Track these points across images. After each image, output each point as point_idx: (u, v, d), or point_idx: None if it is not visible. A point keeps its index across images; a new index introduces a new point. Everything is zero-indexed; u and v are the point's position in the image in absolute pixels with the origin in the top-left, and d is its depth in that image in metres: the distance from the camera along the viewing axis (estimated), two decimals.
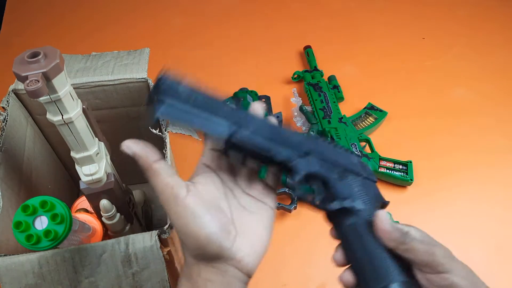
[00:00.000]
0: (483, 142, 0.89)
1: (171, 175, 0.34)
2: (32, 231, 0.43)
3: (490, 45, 1.09)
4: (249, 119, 0.38)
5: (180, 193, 0.33)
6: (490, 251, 0.74)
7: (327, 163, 0.40)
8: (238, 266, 0.35)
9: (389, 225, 0.35)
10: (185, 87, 0.36)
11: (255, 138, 0.36)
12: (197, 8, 1.20)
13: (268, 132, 0.38)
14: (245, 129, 0.36)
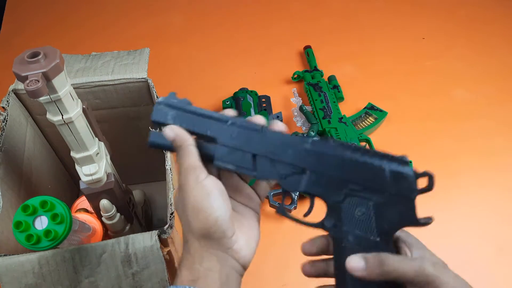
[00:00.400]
0: (483, 142, 0.89)
1: (198, 159, 0.37)
2: (32, 231, 0.43)
3: (490, 46, 1.09)
4: (242, 132, 0.38)
5: (201, 174, 0.36)
6: (491, 253, 0.74)
7: (330, 179, 0.37)
8: (236, 257, 0.37)
9: (360, 267, 0.34)
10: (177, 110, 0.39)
11: (228, 166, 0.38)
12: (197, 8, 1.20)
13: (259, 145, 0.37)
14: (220, 152, 0.38)
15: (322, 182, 0.37)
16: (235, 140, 0.38)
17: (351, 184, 0.37)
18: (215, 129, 0.38)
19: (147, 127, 0.57)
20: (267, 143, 0.38)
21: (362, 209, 0.36)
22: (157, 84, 0.62)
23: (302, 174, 0.37)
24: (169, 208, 0.48)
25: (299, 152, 0.37)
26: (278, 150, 0.38)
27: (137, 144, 0.72)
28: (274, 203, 0.75)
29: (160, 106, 0.38)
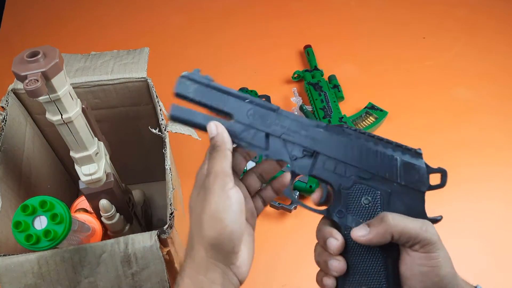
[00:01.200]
0: (484, 142, 0.89)
1: (230, 166, 0.36)
2: (32, 231, 0.43)
3: (490, 45, 1.09)
4: (258, 111, 0.38)
5: (229, 183, 0.35)
6: (491, 249, 0.74)
7: (340, 165, 0.37)
8: (236, 272, 0.37)
9: (365, 235, 0.35)
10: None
11: (241, 143, 0.38)
12: (197, 8, 1.19)
13: (273, 125, 0.38)
14: (235, 128, 0.38)
15: (331, 167, 0.37)
16: (250, 118, 0.38)
17: (361, 171, 0.37)
18: (233, 105, 0.39)
19: (147, 127, 0.57)
20: (281, 123, 0.38)
21: (369, 197, 0.36)
22: (157, 83, 0.62)
23: (313, 158, 0.38)
24: (169, 208, 0.48)
25: (312, 135, 0.38)
26: (292, 131, 0.38)
27: (137, 144, 0.72)
28: (274, 203, 0.75)
29: (183, 79, 0.39)
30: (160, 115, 0.57)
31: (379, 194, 0.36)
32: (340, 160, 0.37)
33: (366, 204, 0.36)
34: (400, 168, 0.37)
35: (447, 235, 0.40)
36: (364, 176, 0.37)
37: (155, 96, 0.59)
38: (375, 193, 0.36)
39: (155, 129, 0.55)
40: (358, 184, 0.37)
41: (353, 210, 0.37)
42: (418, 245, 0.34)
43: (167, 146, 0.54)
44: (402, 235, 0.34)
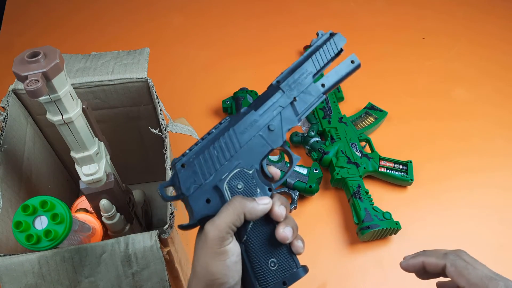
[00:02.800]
0: (483, 141, 0.89)
1: (236, 222, 0.36)
2: (32, 231, 0.43)
3: (490, 46, 1.09)
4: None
5: (228, 239, 0.36)
6: (491, 252, 0.74)
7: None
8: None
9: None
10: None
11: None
12: (197, 8, 1.20)
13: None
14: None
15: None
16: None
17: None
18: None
19: (147, 127, 0.57)
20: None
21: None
22: (157, 84, 0.62)
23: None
24: (169, 208, 0.48)
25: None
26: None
27: (137, 144, 0.73)
28: None
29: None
30: (160, 115, 0.57)
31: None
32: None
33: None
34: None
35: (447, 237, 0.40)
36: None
37: (155, 97, 0.59)
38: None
39: (156, 129, 0.55)
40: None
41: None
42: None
43: (167, 146, 0.54)
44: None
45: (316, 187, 0.77)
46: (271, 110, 0.40)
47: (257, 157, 0.39)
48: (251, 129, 0.40)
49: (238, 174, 0.39)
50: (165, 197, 0.39)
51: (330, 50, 0.42)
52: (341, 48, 0.43)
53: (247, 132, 0.39)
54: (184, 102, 0.94)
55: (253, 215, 0.37)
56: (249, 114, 0.40)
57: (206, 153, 0.39)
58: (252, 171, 0.39)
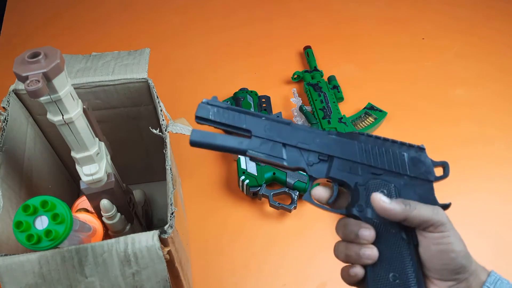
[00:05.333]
0: (483, 142, 0.90)
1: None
2: (33, 231, 0.43)
3: (490, 46, 1.09)
4: (274, 125, 0.42)
5: None
6: (491, 251, 0.74)
7: (354, 165, 0.41)
8: None
9: (385, 202, 0.37)
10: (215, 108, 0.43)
11: (260, 155, 0.41)
12: (197, 9, 1.20)
13: (289, 136, 0.41)
14: (253, 143, 0.41)
15: (346, 168, 0.41)
16: (267, 132, 0.42)
17: (373, 169, 0.40)
18: (251, 122, 0.42)
19: (148, 127, 0.57)
20: (296, 134, 0.42)
21: (384, 190, 0.40)
22: (158, 84, 0.62)
23: (327, 162, 0.41)
24: (170, 208, 0.48)
25: (325, 141, 0.42)
26: (307, 140, 0.42)
27: (138, 144, 0.73)
28: (274, 203, 0.75)
29: (203, 104, 0.43)
30: (161, 115, 0.57)
31: (393, 187, 0.40)
32: (353, 160, 0.41)
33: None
34: (408, 162, 0.40)
35: None
36: (377, 172, 0.40)
37: (155, 97, 0.60)
38: (389, 186, 0.40)
39: (156, 130, 0.55)
40: (372, 180, 0.40)
41: (371, 204, 0.39)
42: (432, 227, 0.37)
43: (168, 147, 0.54)
44: (417, 218, 0.37)
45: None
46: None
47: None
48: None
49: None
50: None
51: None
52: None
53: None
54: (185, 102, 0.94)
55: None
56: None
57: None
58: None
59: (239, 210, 0.79)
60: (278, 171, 0.78)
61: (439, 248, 0.37)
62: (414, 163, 0.41)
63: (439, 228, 0.37)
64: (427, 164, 0.41)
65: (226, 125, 0.42)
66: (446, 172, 0.41)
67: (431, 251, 0.37)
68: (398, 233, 0.38)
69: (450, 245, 0.37)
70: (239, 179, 0.78)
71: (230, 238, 0.75)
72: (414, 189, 0.40)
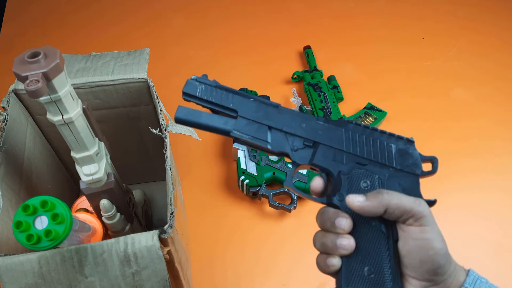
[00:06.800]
0: (483, 141, 0.90)
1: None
2: (33, 231, 0.43)
3: (490, 45, 1.09)
4: (261, 107, 0.41)
5: None
6: (489, 253, 0.74)
7: (339, 153, 0.39)
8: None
9: (360, 201, 0.36)
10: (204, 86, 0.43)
11: (244, 136, 0.40)
12: (197, 9, 1.20)
13: (275, 119, 0.40)
14: (239, 124, 0.40)
15: (331, 156, 0.40)
16: (254, 113, 0.41)
17: (359, 158, 0.39)
18: (238, 102, 0.41)
19: (147, 127, 0.57)
20: (282, 118, 0.41)
21: (367, 181, 0.39)
22: (157, 84, 0.62)
23: (313, 148, 0.40)
24: (169, 207, 0.48)
25: (312, 127, 0.40)
26: (293, 124, 0.40)
27: (137, 144, 0.73)
28: (274, 203, 0.75)
29: (192, 80, 0.43)
30: (161, 115, 0.57)
31: (377, 178, 0.39)
32: (338, 149, 0.40)
33: (365, 187, 0.38)
34: (395, 154, 0.39)
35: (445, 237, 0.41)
36: (362, 162, 0.39)
37: (155, 97, 0.60)
38: (373, 176, 0.39)
39: (156, 130, 0.55)
40: (356, 169, 0.39)
41: (353, 193, 0.38)
42: (412, 219, 0.36)
43: (168, 146, 0.54)
44: (397, 208, 0.35)
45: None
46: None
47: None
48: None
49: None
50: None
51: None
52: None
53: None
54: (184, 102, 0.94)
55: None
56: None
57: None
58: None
59: (239, 210, 0.79)
60: (278, 171, 0.78)
61: (418, 243, 0.35)
62: (401, 155, 0.40)
63: (419, 221, 0.35)
64: (414, 157, 0.40)
65: (213, 103, 0.41)
66: (435, 167, 0.40)
67: (409, 245, 0.36)
68: (377, 226, 0.37)
69: (429, 241, 0.35)
70: (239, 179, 0.78)
71: (230, 238, 0.75)
72: (398, 182, 0.39)
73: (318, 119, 0.41)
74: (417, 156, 0.40)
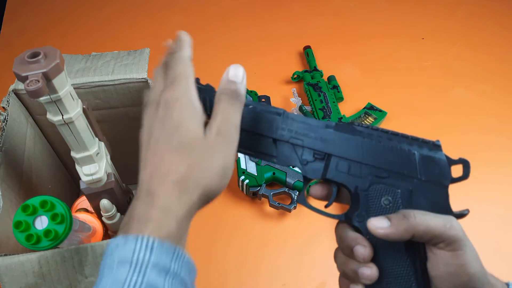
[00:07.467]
0: (483, 142, 0.90)
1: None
2: (32, 231, 0.43)
3: (490, 45, 1.09)
4: (262, 116, 0.36)
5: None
6: (490, 251, 0.74)
7: (354, 165, 0.35)
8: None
9: (383, 229, 0.32)
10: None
11: (248, 150, 0.36)
12: (197, 9, 1.20)
13: (280, 130, 0.35)
14: (241, 137, 0.34)
15: (345, 168, 0.35)
16: (254, 123, 0.36)
17: (377, 170, 0.34)
18: None
19: None
20: (288, 127, 0.36)
21: (389, 197, 0.34)
22: None
23: (325, 160, 0.35)
24: None
25: (322, 136, 0.35)
26: (300, 134, 0.36)
27: (137, 144, 0.73)
28: (274, 203, 0.75)
29: None
30: None
31: (399, 193, 0.34)
32: (353, 160, 0.35)
33: (387, 205, 0.34)
34: (419, 163, 0.34)
35: None
36: (381, 175, 0.34)
37: None
38: (395, 192, 0.34)
39: None
40: (375, 184, 0.34)
41: (374, 213, 0.34)
42: (443, 243, 0.32)
43: None
44: (425, 233, 0.32)
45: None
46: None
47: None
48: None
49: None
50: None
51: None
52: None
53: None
54: None
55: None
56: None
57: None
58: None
59: (239, 210, 0.79)
60: (278, 171, 0.78)
61: (450, 269, 0.32)
62: (426, 163, 0.34)
63: (452, 246, 0.31)
64: (442, 165, 0.35)
65: (208, 115, 0.35)
66: (466, 172, 0.35)
67: (440, 270, 0.32)
68: (402, 248, 0.33)
69: (463, 267, 0.31)
70: (239, 179, 0.78)
71: (230, 238, 0.75)
72: (424, 195, 0.34)
73: (328, 126, 0.36)
74: (444, 163, 0.35)
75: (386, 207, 0.34)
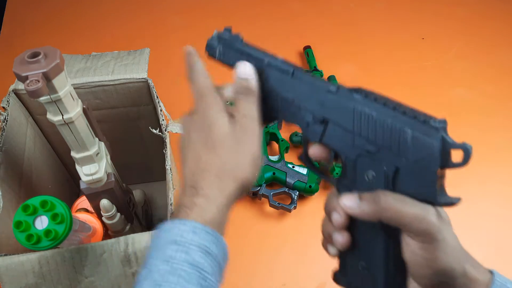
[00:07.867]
0: (483, 142, 0.89)
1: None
2: (33, 230, 0.43)
3: (490, 45, 1.09)
4: (275, 75, 0.39)
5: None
6: (490, 250, 0.74)
7: (347, 134, 0.34)
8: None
9: (352, 208, 0.33)
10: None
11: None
12: (197, 9, 1.20)
13: (289, 89, 0.38)
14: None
15: (339, 135, 0.34)
16: (267, 81, 0.39)
17: (367, 142, 0.33)
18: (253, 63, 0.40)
19: (147, 127, 0.57)
20: (296, 87, 0.37)
21: (373, 172, 0.33)
22: (157, 84, 0.62)
23: (323, 124, 0.35)
24: (169, 207, 0.48)
25: (322, 100, 0.36)
26: (304, 96, 0.37)
27: (137, 144, 0.73)
28: (274, 203, 0.75)
29: (212, 40, 0.46)
30: (161, 115, 0.58)
31: (384, 169, 0.32)
32: (346, 129, 0.34)
33: (371, 180, 0.33)
34: (410, 142, 0.32)
35: None
36: (370, 148, 0.33)
37: (155, 97, 0.60)
38: (379, 167, 0.32)
39: (156, 130, 0.55)
40: (363, 157, 0.33)
41: (358, 185, 0.34)
42: (412, 234, 0.30)
43: (168, 146, 0.55)
44: (392, 220, 0.31)
45: (316, 187, 0.77)
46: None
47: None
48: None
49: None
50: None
51: None
52: None
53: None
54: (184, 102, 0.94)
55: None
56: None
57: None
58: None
59: (238, 210, 0.79)
60: (278, 171, 0.78)
61: (417, 259, 0.31)
62: (415, 144, 0.32)
63: (420, 238, 0.30)
64: (430, 149, 0.32)
65: (230, 66, 0.42)
66: (465, 158, 0.33)
67: (408, 257, 0.31)
68: (377, 226, 0.33)
69: (432, 261, 0.30)
70: None
71: (230, 238, 0.75)
72: (412, 176, 0.31)
73: (329, 91, 0.35)
74: (434, 147, 0.32)
75: (370, 181, 0.33)
